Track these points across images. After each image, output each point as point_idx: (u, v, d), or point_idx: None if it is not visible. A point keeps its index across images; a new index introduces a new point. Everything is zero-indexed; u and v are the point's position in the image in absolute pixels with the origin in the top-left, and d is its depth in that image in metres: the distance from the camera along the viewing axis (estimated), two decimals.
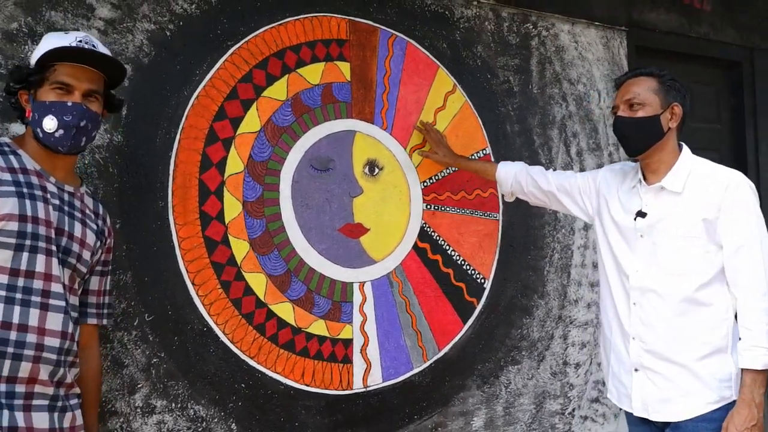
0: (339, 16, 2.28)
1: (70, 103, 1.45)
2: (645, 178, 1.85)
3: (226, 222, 2.05)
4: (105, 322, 1.65)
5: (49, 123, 1.43)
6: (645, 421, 1.85)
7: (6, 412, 1.32)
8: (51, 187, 1.44)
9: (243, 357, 2.04)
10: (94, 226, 1.56)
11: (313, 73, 2.22)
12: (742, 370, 1.67)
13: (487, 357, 2.51)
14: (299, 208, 2.17)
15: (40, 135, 1.44)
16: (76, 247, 1.48)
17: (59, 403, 1.43)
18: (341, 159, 2.26)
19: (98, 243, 1.56)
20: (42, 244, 1.39)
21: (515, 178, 2.18)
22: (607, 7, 2.90)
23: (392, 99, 2.36)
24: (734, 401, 1.72)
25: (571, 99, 2.79)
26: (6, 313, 1.33)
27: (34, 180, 1.41)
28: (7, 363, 1.33)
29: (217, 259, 2.02)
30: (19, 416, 1.34)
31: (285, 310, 2.12)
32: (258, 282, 2.08)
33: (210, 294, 2.01)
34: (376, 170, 2.32)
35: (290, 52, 2.19)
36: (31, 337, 1.36)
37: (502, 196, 2.40)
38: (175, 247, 1.96)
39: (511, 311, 2.58)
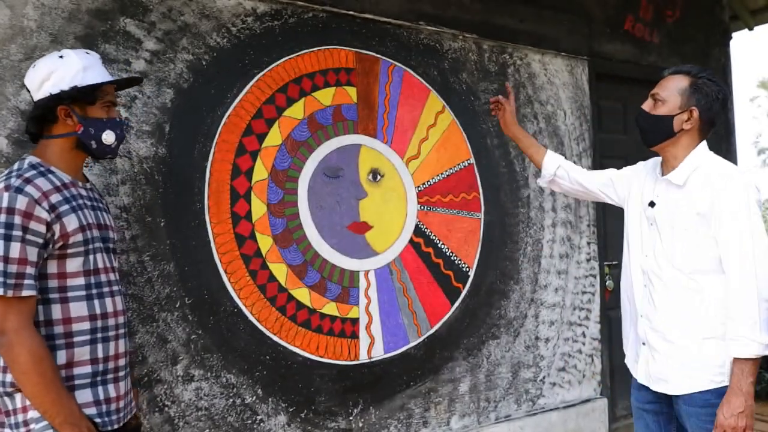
0: (347, 48, 2.27)
1: (118, 119, 1.42)
2: (663, 171, 1.67)
3: (253, 221, 2.04)
4: None
5: (110, 137, 1.39)
6: (647, 388, 1.69)
7: (101, 388, 1.33)
8: (82, 191, 1.38)
9: (267, 333, 2.04)
10: (107, 209, 1.51)
11: (326, 96, 2.22)
12: (733, 358, 1.49)
13: (472, 333, 2.50)
14: (314, 209, 2.17)
15: (94, 146, 1.38)
16: (110, 233, 1.45)
17: (127, 370, 1.44)
18: (349, 168, 2.25)
19: (112, 220, 1.51)
20: (98, 244, 1.36)
21: (557, 172, 1.94)
22: (571, 40, 2.89)
23: (391, 118, 2.35)
24: (725, 386, 1.53)
25: (541, 117, 2.78)
26: (90, 308, 1.32)
27: (74, 191, 1.35)
28: (100, 347, 1.33)
29: (245, 251, 2.02)
30: (111, 388, 1.35)
31: (302, 294, 2.12)
32: (280, 271, 2.08)
33: (240, 281, 2.00)
34: (378, 177, 2.31)
35: (306, 79, 2.18)
36: (111, 321, 1.36)
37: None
38: (211, 242, 1.96)
39: (491, 295, 2.57)
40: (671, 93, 1.62)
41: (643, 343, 1.68)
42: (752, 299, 1.47)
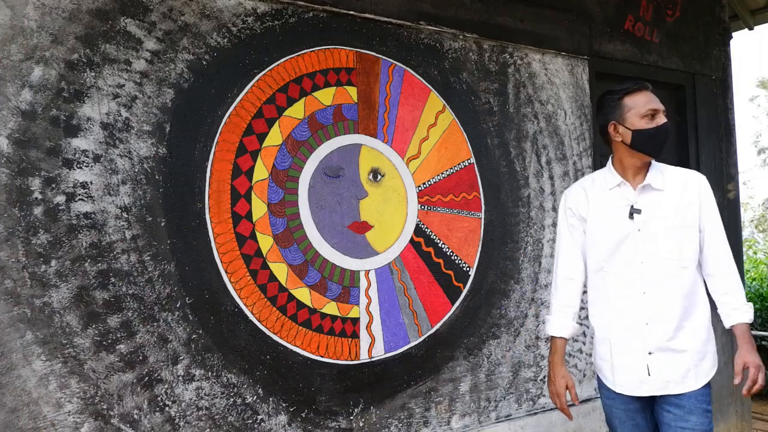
0: (347, 48, 2.26)
1: None
2: (628, 180, 1.74)
3: (254, 220, 2.04)
4: None
5: None
6: (637, 399, 1.72)
7: None
8: None
9: (268, 333, 2.04)
10: None
11: (326, 96, 2.21)
12: (735, 325, 1.68)
13: (472, 332, 2.49)
14: (315, 209, 2.16)
15: None
16: None
17: None
18: (349, 167, 2.25)
19: None
20: None
21: (575, 319, 1.86)
22: (571, 39, 2.88)
23: (392, 117, 2.35)
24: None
25: (541, 117, 2.77)
26: None
27: None
28: None
29: (246, 251, 2.01)
30: None
31: (303, 294, 2.11)
32: (280, 270, 2.07)
33: (240, 281, 2.00)
34: (379, 177, 2.31)
35: (307, 79, 2.17)
36: None
37: None
38: (211, 242, 1.95)
39: (492, 294, 2.56)
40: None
41: (650, 353, 1.67)
42: (738, 274, 1.72)
